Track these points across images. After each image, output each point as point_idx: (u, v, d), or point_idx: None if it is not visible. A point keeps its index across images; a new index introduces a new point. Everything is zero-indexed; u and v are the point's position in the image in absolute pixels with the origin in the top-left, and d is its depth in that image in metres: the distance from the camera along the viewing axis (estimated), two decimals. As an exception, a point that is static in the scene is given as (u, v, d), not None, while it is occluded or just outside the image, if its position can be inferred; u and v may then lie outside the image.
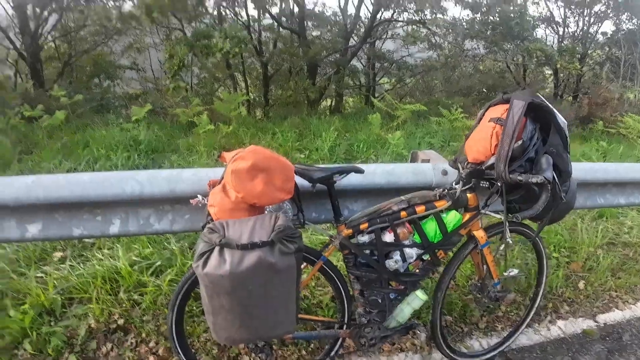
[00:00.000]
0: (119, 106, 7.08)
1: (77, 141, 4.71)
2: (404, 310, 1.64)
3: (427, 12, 8.99)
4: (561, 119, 1.55)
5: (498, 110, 1.53)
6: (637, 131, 6.76)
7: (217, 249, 1.10)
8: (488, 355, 1.92)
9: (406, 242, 1.55)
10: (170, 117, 6.39)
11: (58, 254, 2.59)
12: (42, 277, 2.27)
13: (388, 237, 1.53)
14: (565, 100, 10.85)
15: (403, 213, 1.52)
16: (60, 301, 2.12)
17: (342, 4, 9.85)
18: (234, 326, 1.18)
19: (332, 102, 10.86)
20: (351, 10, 9.77)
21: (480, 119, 1.59)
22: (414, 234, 1.57)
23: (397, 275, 1.57)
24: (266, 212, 1.29)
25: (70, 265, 2.38)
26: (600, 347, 2.18)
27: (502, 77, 11.23)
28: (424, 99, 10.28)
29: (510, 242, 1.68)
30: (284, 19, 9.11)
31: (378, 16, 9.40)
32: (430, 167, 1.94)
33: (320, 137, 5.28)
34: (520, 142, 1.44)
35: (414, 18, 9.15)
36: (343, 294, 1.61)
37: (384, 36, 10.63)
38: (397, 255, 1.55)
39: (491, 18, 9.09)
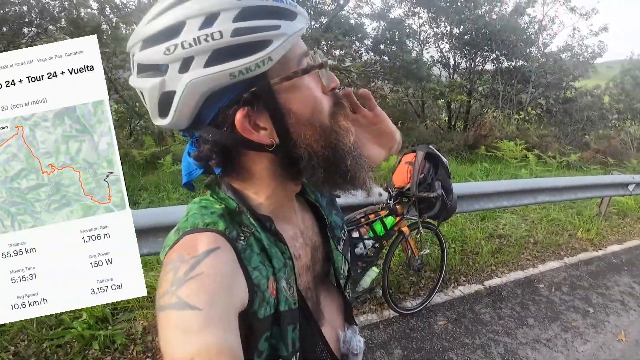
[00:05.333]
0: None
1: None
2: (366, 279, 2.67)
3: (348, 59, 10.37)
4: (445, 160, 2.73)
5: (410, 157, 2.67)
6: (510, 154, 8.70)
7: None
8: (418, 309, 3.01)
9: (365, 237, 2.60)
10: (122, 158, 6.78)
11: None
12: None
13: (355, 234, 2.56)
14: (457, 129, 12.93)
15: (362, 219, 2.57)
16: (110, 311, 2.79)
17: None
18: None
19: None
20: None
21: (399, 162, 2.73)
22: (369, 231, 2.62)
23: (362, 257, 2.60)
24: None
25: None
26: (487, 299, 3.33)
27: (405, 112, 13.00)
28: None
29: (423, 233, 2.82)
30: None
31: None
32: (373, 191, 3.04)
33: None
34: (422, 175, 2.58)
35: (333, 63, 10.51)
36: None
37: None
38: (361, 245, 2.58)
39: (397, 63, 10.84)
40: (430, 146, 2.73)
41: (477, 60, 13.15)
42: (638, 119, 14.19)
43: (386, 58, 11.25)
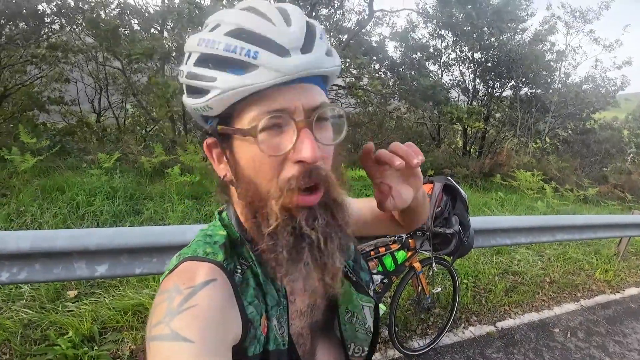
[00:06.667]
0: (76, 149, 7.21)
1: (51, 186, 4.88)
2: (372, 317, 2.47)
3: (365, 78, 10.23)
4: (463, 192, 2.55)
5: (426, 188, 2.49)
6: (526, 184, 8.46)
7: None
8: (425, 350, 2.80)
9: (374, 271, 2.42)
10: (131, 164, 6.71)
11: (71, 292, 3.05)
12: (73, 310, 2.75)
13: (363, 268, 2.38)
14: (472, 155, 12.72)
15: (372, 252, 2.39)
16: (98, 330, 2.63)
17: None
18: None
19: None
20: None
21: (416, 192, 2.56)
22: (378, 265, 2.44)
23: (368, 293, 2.41)
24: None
25: (94, 300, 2.89)
26: (499, 343, 3.11)
27: (420, 134, 12.87)
28: (355, 153, 11.41)
29: (435, 269, 2.62)
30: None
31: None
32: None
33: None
34: (439, 209, 2.41)
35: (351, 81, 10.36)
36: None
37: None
38: (368, 280, 2.40)
39: (415, 84, 10.73)
40: (449, 177, 2.56)
41: (495, 86, 13.00)
42: (657, 153, 13.85)
43: (403, 79, 11.13)
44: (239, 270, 0.58)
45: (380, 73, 11.16)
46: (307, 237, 0.53)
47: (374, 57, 10.55)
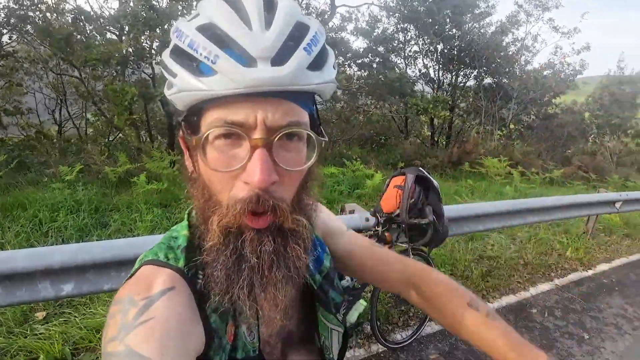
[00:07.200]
0: (36, 163, 6.87)
1: (11, 203, 4.64)
2: (353, 314, 2.45)
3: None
4: (435, 182, 2.57)
5: (399, 180, 2.49)
6: (493, 170, 8.69)
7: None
8: (408, 341, 2.80)
9: (352, 268, 2.39)
10: (95, 175, 6.42)
11: (39, 314, 2.89)
12: (42, 333, 2.61)
13: (341, 265, 2.36)
14: (440, 145, 12.99)
15: (349, 249, 2.37)
16: (70, 352, 2.50)
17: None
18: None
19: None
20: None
21: (388, 185, 2.55)
22: (356, 262, 2.42)
23: (348, 290, 2.39)
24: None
25: (64, 320, 2.74)
26: (477, 329, 3.19)
27: (388, 128, 13.00)
28: (327, 148, 11.44)
29: (413, 261, 2.63)
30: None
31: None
32: (358, 216, 2.84)
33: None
34: (413, 200, 2.41)
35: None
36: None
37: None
38: (347, 277, 2.37)
39: (381, 78, 10.82)
40: (420, 168, 2.57)
41: (459, 76, 13.29)
42: (617, 134, 14.51)
43: (369, 74, 11.22)
44: (201, 276, 0.54)
45: (345, 67, 11.18)
46: (249, 260, 0.49)
47: (337, 51, 10.54)
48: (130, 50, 7.09)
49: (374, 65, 11.46)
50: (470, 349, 2.86)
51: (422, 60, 13.45)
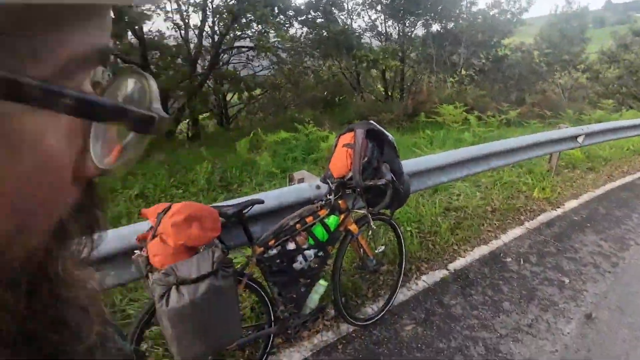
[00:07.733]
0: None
1: None
2: (313, 298, 2.13)
3: (272, 32, 9.55)
4: (390, 136, 2.22)
5: (347, 138, 2.12)
6: (450, 117, 8.52)
7: (174, 288, 1.41)
8: (380, 315, 2.53)
9: (304, 246, 2.04)
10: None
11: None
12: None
13: (291, 245, 2.00)
14: (394, 99, 12.72)
15: (298, 225, 2.00)
16: None
17: (183, 34, 9.98)
18: (196, 344, 1.48)
19: (187, 129, 10.74)
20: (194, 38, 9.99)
21: (336, 145, 2.18)
22: (309, 239, 2.07)
23: (303, 272, 2.05)
24: (201, 250, 1.62)
25: None
26: (455, 286, 2.94)
27: (340, 86, 12.54)
28: (278, 114, 10.89)
29: (374, 227, 2.31)
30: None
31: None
32: (307, 186, 2.47)
33: (193, 170, 5.23)
34: (366, 159, 2.05)
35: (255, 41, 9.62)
36: (266, 299, 2.01)
37: (231, 60, 10.99)
38: (300, 258, 2.03)
39: (324, 33, 10.23)
40: (371, 121, 2.20)
41: (406, 24, 12.88)
42: (567, 70, 14.74)
43: (313, 30, 10.61)
44: None
45: (288, 26, 10.48)
46: None
47: (275, 8, 9.76)
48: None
49: (318, 21, 10.81)
50: (448, 313, 2.63)
51: (367, 13, 12.92)
